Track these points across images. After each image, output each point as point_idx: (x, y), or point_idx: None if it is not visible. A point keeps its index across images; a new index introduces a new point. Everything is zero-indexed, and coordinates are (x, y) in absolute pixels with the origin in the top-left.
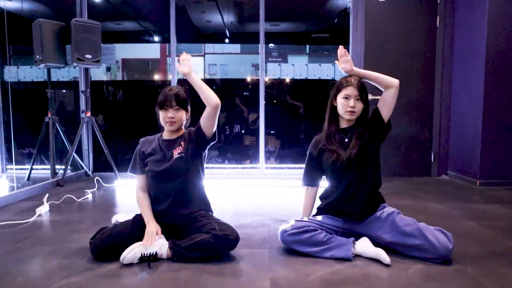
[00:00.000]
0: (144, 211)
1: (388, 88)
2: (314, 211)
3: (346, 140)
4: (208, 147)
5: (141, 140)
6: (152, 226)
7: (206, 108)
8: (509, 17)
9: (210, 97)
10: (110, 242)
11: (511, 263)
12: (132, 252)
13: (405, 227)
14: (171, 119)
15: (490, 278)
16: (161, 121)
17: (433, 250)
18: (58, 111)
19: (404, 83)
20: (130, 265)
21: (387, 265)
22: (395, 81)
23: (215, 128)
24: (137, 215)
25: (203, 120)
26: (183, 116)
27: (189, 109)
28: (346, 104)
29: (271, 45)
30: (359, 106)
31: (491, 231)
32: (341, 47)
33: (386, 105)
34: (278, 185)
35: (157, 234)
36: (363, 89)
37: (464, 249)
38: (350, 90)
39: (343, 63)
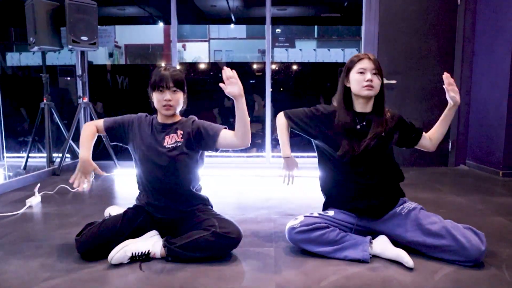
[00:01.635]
0: (84, 140)
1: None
2: (320, 202)
3: (359, 126)
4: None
5: (139, 114)
6: (85, 156)
7: (234, 138)
8: None
9: (247, 136)
10: (98, 240)
11: None
12: (121, 251)
13: (430, 225)
14: (168, 102)
15: None
16: (156, 104)
17: (463, 252)
18: (61, 98)
19: (421, 65)
20: (119, 265)
21: (409, 269)
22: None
23: None
24: (128, 208)
25: (224, 141)
26: (180, 98)
27: (186, 90)
28: (362, 79)
29: (278, 30)
30: (377, 81)
31: None
32: (447, 74)
33: (423, 148)
34: None
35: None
36: (378, 63)
37: (496, 250)
38: (365, 63)
39: (452, 92)
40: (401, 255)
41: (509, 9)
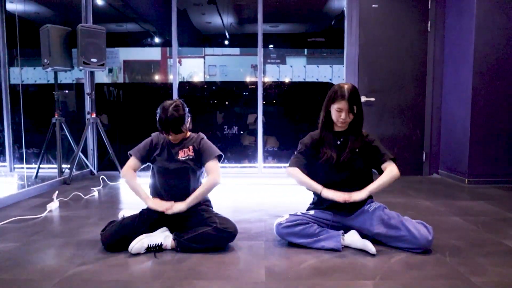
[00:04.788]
0: (140, 190)
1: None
2: (304, 206)
3: (339, 142)
4: None
5: (155, 134)
6: (158, 200)
7: (209, 174)
8: (496, 22)
9: (210, 191)
10: (119, 234)
11: (487, 253)
12: (139, 243)
13: (390, 220)
14: (173, 140)
15: (466, 266)
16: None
17: (414, 241)
18: (61, 111)
19: (397, 85)
20: (137, 254)
21: (372, 255)
22: (397, 175)
23: None
24: (143, 209)
25: (206, 167)
26: (182, 133)
27: (189, 120)
28: (338, 116)
29: (270, 46)
30: (351, 117)
31: (472, 225)
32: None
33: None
34: (275, 183)
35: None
36: (355, 100)
37: (445, 241)
38: (342, 104)
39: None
40: (366, 244)
41: (469, 35)
